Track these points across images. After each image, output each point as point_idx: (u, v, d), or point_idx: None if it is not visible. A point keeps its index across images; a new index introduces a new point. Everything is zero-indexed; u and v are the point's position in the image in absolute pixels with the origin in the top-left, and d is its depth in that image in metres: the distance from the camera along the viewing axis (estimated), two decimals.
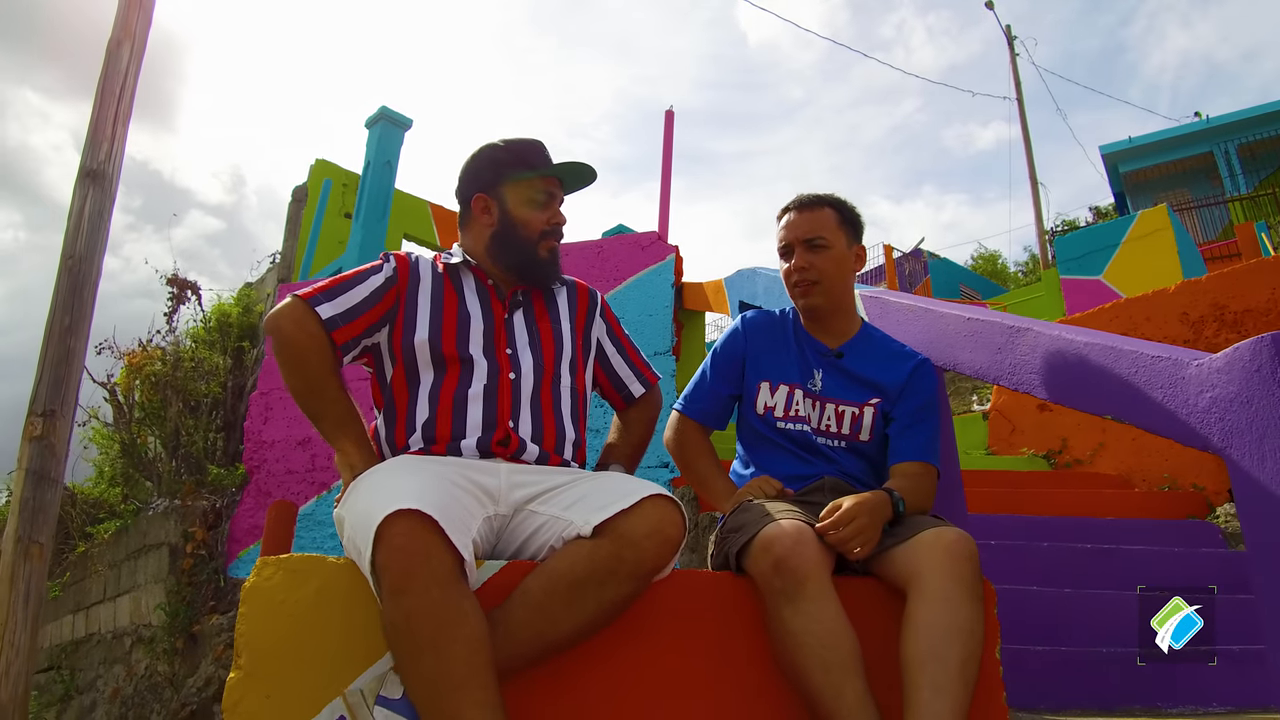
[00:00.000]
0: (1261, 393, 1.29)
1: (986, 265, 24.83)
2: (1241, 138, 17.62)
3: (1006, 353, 1.88)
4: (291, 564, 1.56)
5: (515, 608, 1.48)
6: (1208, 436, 1.39)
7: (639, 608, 1.58)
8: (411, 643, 1.32)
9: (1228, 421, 1.35)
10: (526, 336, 1.91)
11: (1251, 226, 12.95)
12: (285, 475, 5.45)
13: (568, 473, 1.76)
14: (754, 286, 3.67)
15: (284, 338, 1.76)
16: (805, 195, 2.14)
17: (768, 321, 2.20)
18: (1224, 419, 1.36)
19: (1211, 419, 1.38)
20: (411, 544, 1.34)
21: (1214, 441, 1.38)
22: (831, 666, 1.51)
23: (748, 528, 1.70)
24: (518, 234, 1.92)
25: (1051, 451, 5.33)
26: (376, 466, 1.65)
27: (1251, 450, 1.30)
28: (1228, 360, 1.36)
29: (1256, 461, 1.29)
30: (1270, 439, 1.27)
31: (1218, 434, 1.37)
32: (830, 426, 2.04)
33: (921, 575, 1.60)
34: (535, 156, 1.96)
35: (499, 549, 1.69)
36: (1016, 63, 20.19)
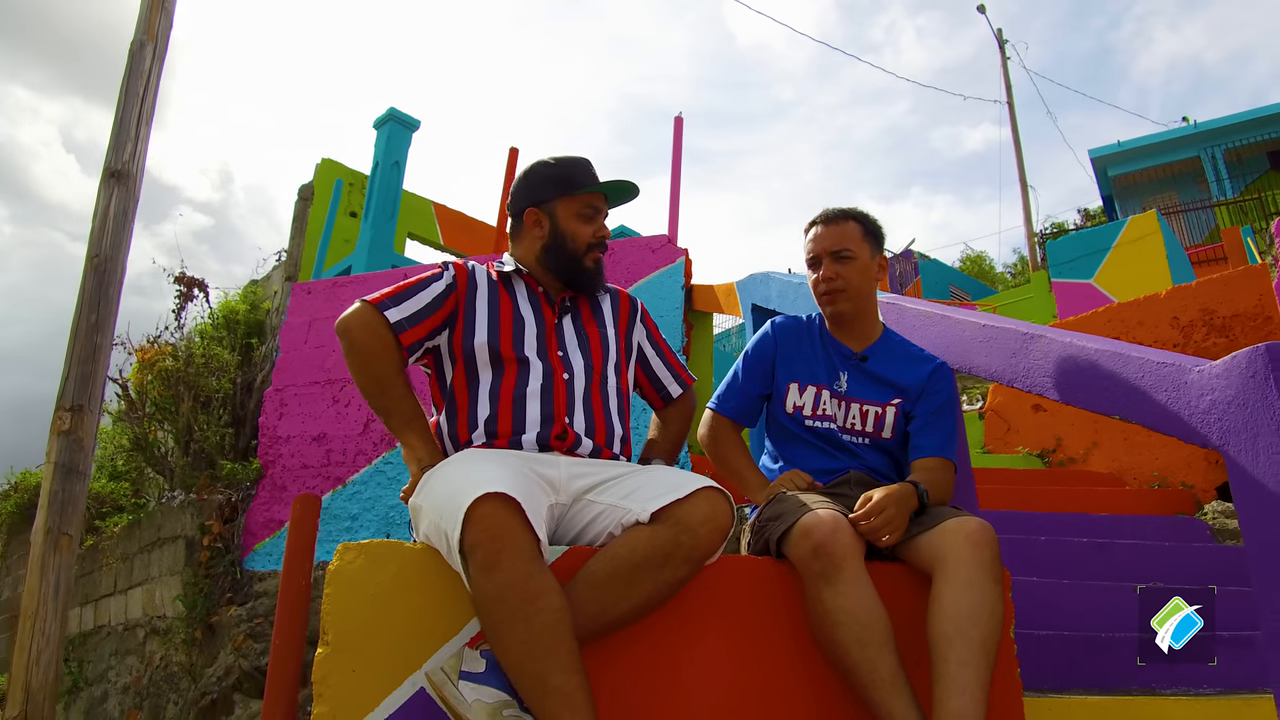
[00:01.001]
0: (1256, 396, 1.45)
1: (973, 266, 25.05)
2: (1228, 143, 17.89)
3: (1020, 357, 2.04)
4: (371, 549, 1.70)
5: (581, 587, 1.63)
6: (1207, 435, 1.55)
7: (691, 588, 1.74)
8: (504, 613, 1.47)
9: (1225, 422, 1.51)
10: (575, 340, 2.06)
11: (1238, 231, 13.14)
12: (300, 470, 5.58)
13: (621, 465, 1.91)
14: (767, 290, 3.82)
15: (355, 340, 1.91)
16: (831, 209, 2.30)
17: (795, 326, 2.35)
18: (1222, 420, 1.52)
19: (1211, 420, 1.54)
20: (500, 524, 1.49)
21: (1213, 440, 1.54)
22: (867, 642, 1.67)
23: (786, 516, 1.85)
24: (567, 246, 2.07)
25: (1046, 450, 5.51)
26: (450, 458, 1.79)
27: (1247, 448, 1.46)
28: (1226, 367, 1.52)
29: (1251, 458, 1.45)
30: (1264, 437, 1.43)
31: (1216, 433, 1.53)
32: (855, 424, 2.20)
33: (946, 560, 1.75)
34: (583, 175, 2.11)
35: (557, 535, 1.84)
36: (1007, 66, 20.47)
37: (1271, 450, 1.41)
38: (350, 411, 5.50)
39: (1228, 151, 17.97)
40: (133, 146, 4.88)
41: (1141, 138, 18.94)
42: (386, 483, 5.24)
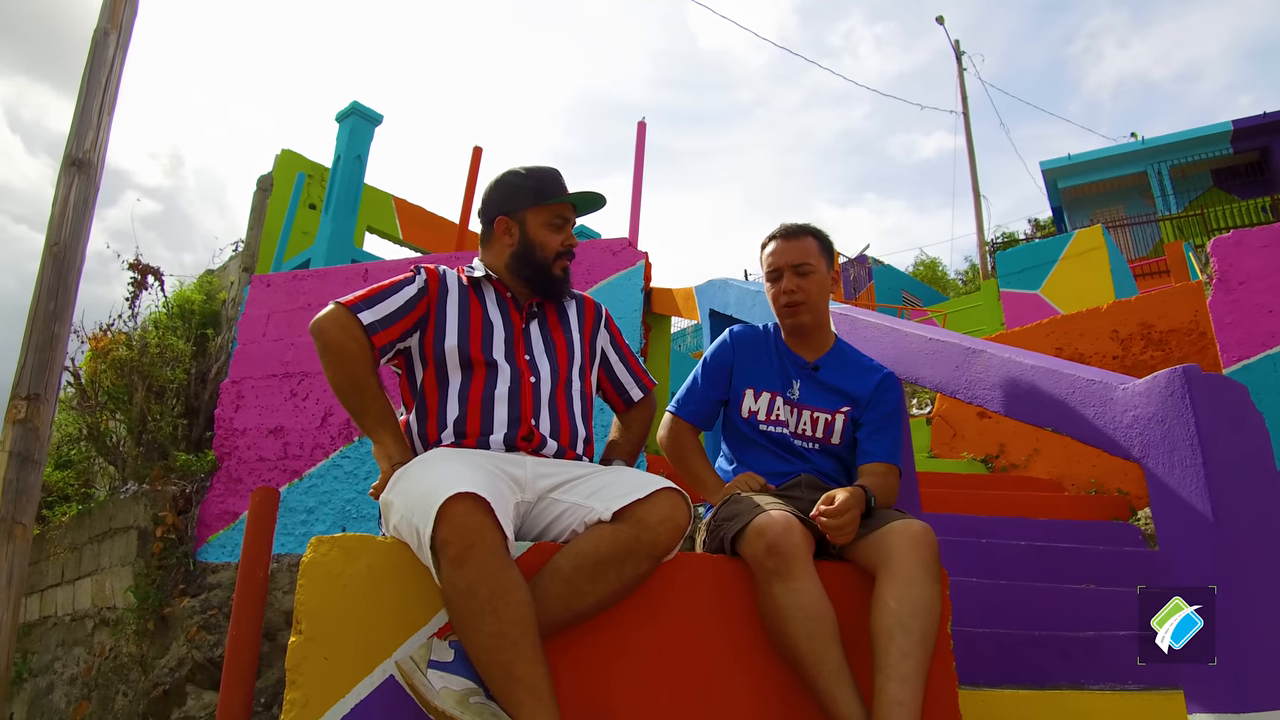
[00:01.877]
0: (1174, 414, 1.58)
1: (927, 272, 25.47)
2: (1174, 159, 18.42)
3: (963, 370, 2.17)
4: (344, 542, 1.77)
5: (546, 582, 1.72)
6: (1129, 448, 1.68)
7: (650, 584, 1.83)
8: (473, 606, 1.55)
9: (1146, 437, 1.64)
10: (542, 344, 2.14)
11: (1180, 246, 13.58)
12: (257, 462, 5.58)
13: (584, 466, 2.00)
14: (725, 296, 3.93)
15: (330, 341, 1.97)
16: (790, 225, 2.42)
17: (753, 335, 2.47)
18: (1143, 434, 1.65)
19: (1133, 434, 1.67)
20: (471, 522, 1.57)
21: (1134, 453, 1.67)
22: (815, 636, 1.78)
23: (741, 516, 1.95)
24: (536, 254, 2.16)
25: (990, 456, 5.69)
26: (421, 457, 1.87)
27: (1164, 461, 1.59)
28: (1148, 386, 1.65)
29: (1168, 470, 1.58)
30: (1179, 452, 1.56)
31: (1138, 446, 1.66)
32: (806, 430, 2.32)
33: (890, 559, 1.87)
34: (554, 185, 2.19)
35: (523, 531, 1.92)
36: (964, 77, 20.86)
37: (1185, 464, 1.55)
38: (308, 405, 5.51)
39: (1173, 168, 18.51)
40: (94, 135, 4.84)
41: (1091, 151, 19.44)
42: (344, 477, 5.26)
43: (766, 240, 2.45)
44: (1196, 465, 1.53)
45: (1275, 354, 4.32)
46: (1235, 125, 17.91)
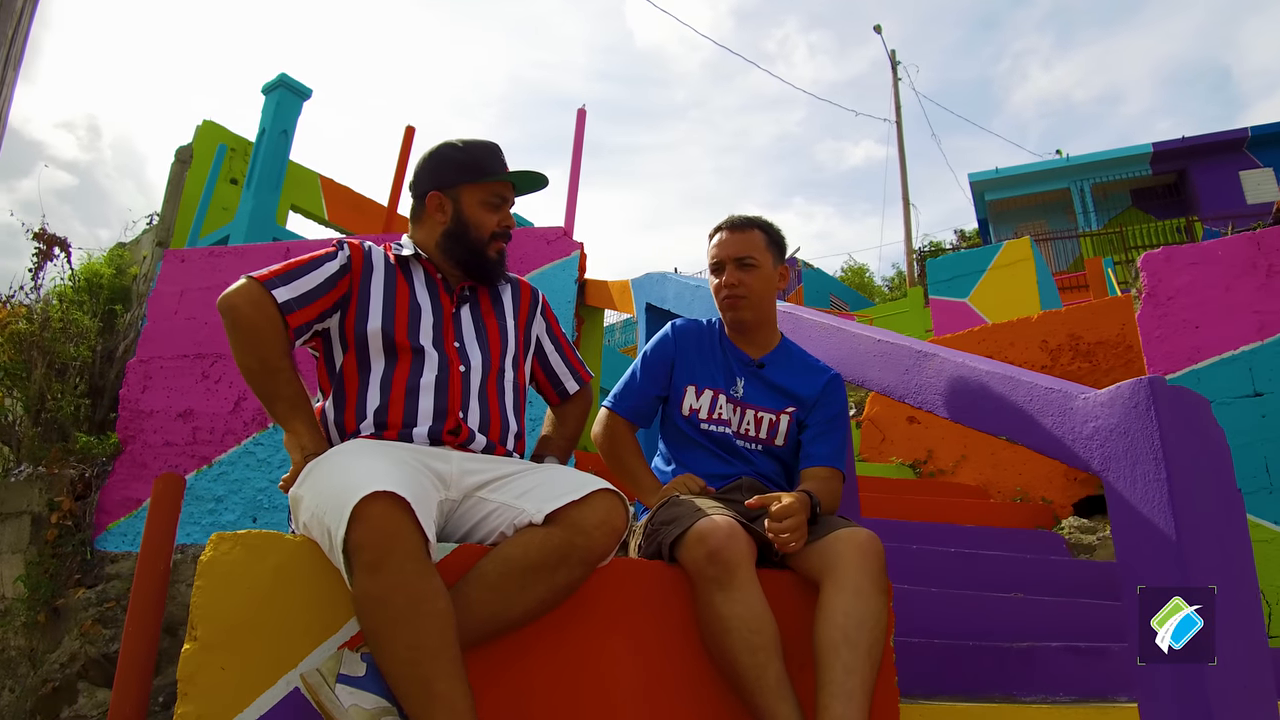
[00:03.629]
0: (1137, 426, 1.52)
1: (854, 278, 25.84)
2: (1096, 178, 18.97)
3: (914, 374, 2.09)
4: (249, 540, 1.61)
5: (471, 588, 1.58)
6: (1089, 460, 1.61)
7: (583, 591, 1.71)
8: (388, 616, 1.40)
9: (1108, 448, 1.58)
10: (473, 331, 2.00)
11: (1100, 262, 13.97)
12: (163, 447, 5.29)
13: (514, 463, 1.87)
14: (663, 291, 3.81)
15: (240, 318, 1.80)
16: (737, 216, 2.31)
17: (696, 329, 2.36)
18: (1104, 446, 1.59)
19: (1094, 445, 1.61)
20: (388, 524, 1.42)
21: (1094, 465, 1.60)
22: (756, 649, 1.68)
23: (681, 521, 1.84)
24: (469, 234, 2.01)
25: (918, 461, 5.71)
26: (337, 449, 1.71)
27: (1126, 474, 1.53)
28: (1111, 396, 1.59)
29: (1130, 483, 1.52)
30: (1142, 464, 1.50)
31: (1098, 459, 1.60)
32: (749, 430, 2.22)
33: (836, 569, 1.78)
34: (492, 161, 2.05)
35: (446, 531, 1.78)
36: (898, 86, 21.16)
37: (1148, 477, 1.48)
38: (220, 388, 5.25)
39: (1095, 186, 19.07)
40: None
41: (1018, 166, 19.90)
42: (256, 465, 5.02)
43: (713, 231, 2.35)
44: (1160, 480, 1.46)
45: (1200, 369, 4.40)
46: (1155, 148, 18.53)
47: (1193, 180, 18.44)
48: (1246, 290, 4.50)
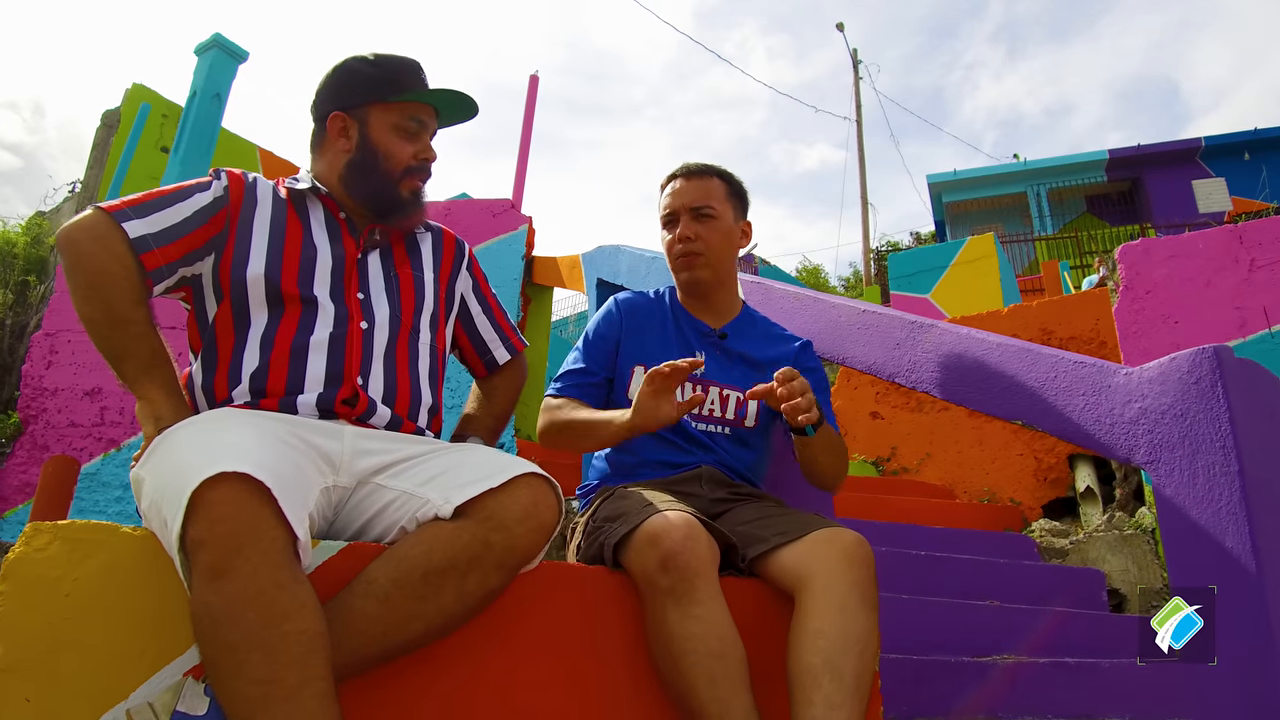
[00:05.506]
0: (1198, 406, 1.22)
1: (810, 278, 25.73)
2: (1052, 183, 19.04)
3: (906, 349, 1.78)
4: (72, 532, 1.24)
5: (357, 600, 1.23)
6: (1132, 449, 1.31)
7: (502, 603, 1.37)
8: (232, 639, 1.05)
9: (1158, 434, 1.28)
10: (383, 281, 1.65)
11: (1056, 265, 13.97)
12: (68, 428, 4.84)
13: (424, 442, 1.52)
14: (616, 264, 3.48)
15: (80, 256, 1.44)
16: (693, 163, 2.00)
17: (644, 302, 2.05)
18: (1153, 431, 1.29)
19: (1139, 431, 1.31)
20: (236, 515, 1.07)
21: (1138, 455, 1.30)
22: (719, 678, 1.35)
23: (628, 517, 1.51)
24: (379, 165, 1.66)
25: (881, 459, 5.44)
26: (190, 420, 1.35)
27: (1183, 465, 1.23)
28: (1162, 371, 1.29)
29: (1188, 478, 1.22)
30: (1204, 454, 1.20)
31: (1145, 447, 1.30)
32: (714, 411, 1.90)
33: (816, 579, 1.46)
34: (410, 78, 1.69)
35: (336, 527, 1.43)
36: (859, 85, 21.05)
37: (1213, 470, 1.18)
38: None
39: (1051, 191, 19.12)
40: None
41: (976, 169, 19.91)
42: None
43: (665, 180, 2.03)
44: (1230, 475, 1.16)
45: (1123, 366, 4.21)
46: (1111, 154, 18.64)
47: (1146, 188, 18.57)
48: (1228, 284, 4.31)
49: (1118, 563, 4.07)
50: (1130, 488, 4.56)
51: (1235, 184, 18.03)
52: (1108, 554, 4.10)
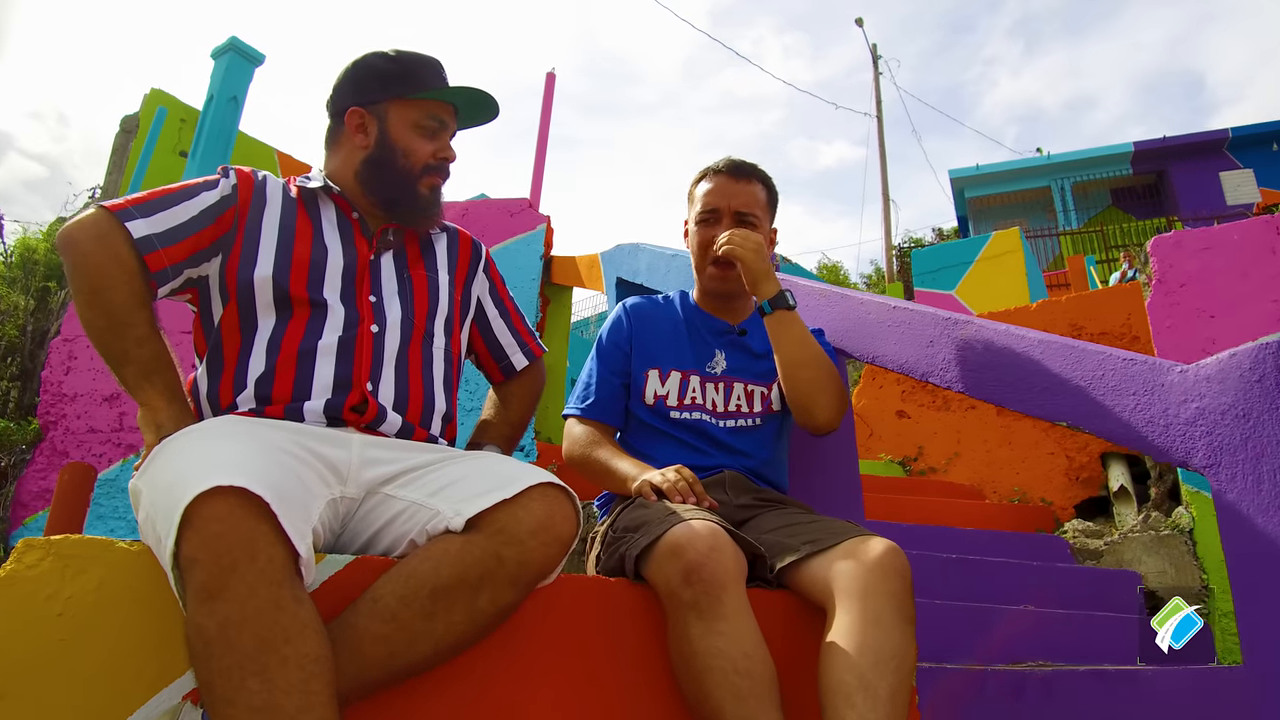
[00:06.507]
0: (1262, 405, 1.13)
1: (829, 276, 25.58)
2: (1076, 176, 18.78)
3: (940, 347, 1.70)
4: (65, 548, 1.18)
5: (363, 619, 1.16)
6: (1189, 452, 1.23)
7: (515, 618, 1.30)
8: (226, 664, 0.99)
9: (1217, 436, 1.19)
10: (395, 283, 1.58)
11: (1082, 259, 13.78)
12: (87, 434, 4.83)
13: (434, 450, 1.45)
14: (635, 263, 3.41)
15: (81, 257, 1.38)
16: (738, 160, 1.94)
17: (651, 307, 2.01)
18: (1212, 434, 1.20)
19: (1196, 433, 1.22)
20: (232, 532, 1.01)
21: (1195, 459, 1.22)
22: (746, 695, 1.27)
23: (650, 527, 1.44)
24: (397, 163, 1.60)
25: (907, 458, 5.34)
26: (188, 429, 1.29)
27: (1246, 470, 1.14)
28: (1220, 368, 1.20)
29: (1251, 483, 1.13)
30: (1270, 458, 1.11)
31: (1203, 450, 1.21)
32: (741, 406, 1.84)
33: (848, 592, 1.38)
34: (431, 75, 1.64)
35: (343, 540, 1.36)
36: (879, 81, 20.86)
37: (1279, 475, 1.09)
38: None
39: (1075, 185, 18.87)
40: None
41: (999, 163, 19.68)
42: None
43: (705, 173, 1.95)
44: None
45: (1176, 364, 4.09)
46: (1136, 147, 18.36)
47: (1172, 180, 18.29)
48: (1264, 276, 4.19)
49: (1154, 564, 3.96)
50: (1165, 487, 4.44)
51: (1264, 175, 17.73)
52: (1144, 555, 3.99)
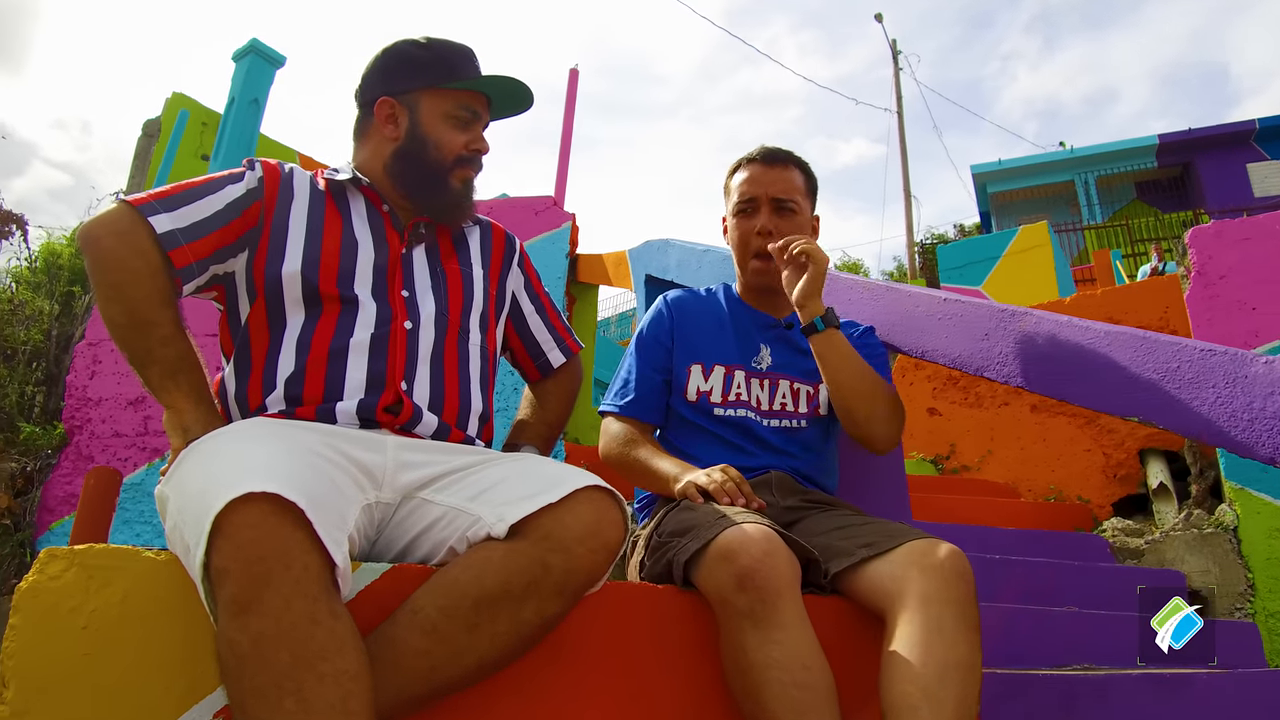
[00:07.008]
0: None
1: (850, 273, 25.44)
2: (1100, 170, 18.56)
3: (996, 340, 1.62)
4: (89, 558, 1.13)
5: (401, 632, 1.11)
6: (1276, 448, 1.15)
7: (560, 628, 1.23)
8: (260, 683, 0.93)
9: None
10: (428, 278, 1.53)
11: (1108, 254, 13.59)
12: (112, 438, 4.81)
13: (473, 452, 1.39)
14: (665, 260, 3.34)
15: (103, 252, 1.33)
16: (772, 147, 1.86)
17: (693, 300, 1.94)
18: None
19: None
20: (264, 541, 0.95)
21: None
22: (804, 708, 1.21)
23: (699, 531, 1.37)
24: (428, 154, 1.54)
25: (940, 456, 5.25)
26: (217, 432, 1.24)
27: None
28: None
29: None
30: None
31: None
32: (787, 405, 1.77)
33: (909, 598, 1.31)
34: (464, 64, 1.58)
35: (379, 547, 1.31)
36: (899, 76, 20.70)
37: None
38: None
39: (1100, 178, 18.64)
40: None
41: (1021, 158, 19.48)
42: None
43: (740, 164, 1.88)
44: None
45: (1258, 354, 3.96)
46: (1161, 139, 18.13)
47: (1198, 173, 18.03)
48: None
49: (1197, 563, 3.85)
50: (1206, 483, 4.34)
51: None
52: (1186, 554, 3.88)
